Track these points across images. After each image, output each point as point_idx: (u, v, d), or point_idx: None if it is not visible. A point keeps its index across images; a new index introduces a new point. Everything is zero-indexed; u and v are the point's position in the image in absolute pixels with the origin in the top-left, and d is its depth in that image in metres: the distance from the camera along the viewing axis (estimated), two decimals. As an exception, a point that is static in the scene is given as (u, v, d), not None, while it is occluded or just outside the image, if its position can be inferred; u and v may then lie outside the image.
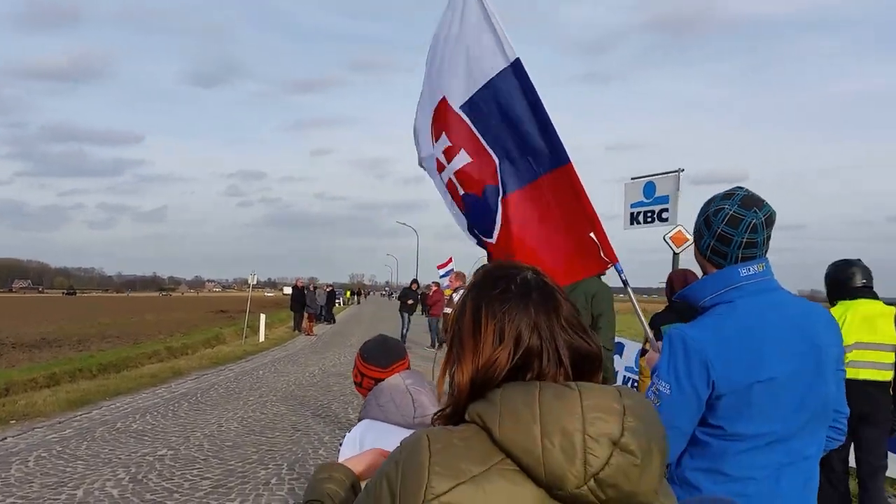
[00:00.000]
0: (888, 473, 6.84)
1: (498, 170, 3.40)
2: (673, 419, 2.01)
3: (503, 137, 3.38)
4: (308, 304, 27.20)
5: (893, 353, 5.06)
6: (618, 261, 3.26)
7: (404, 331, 21.50)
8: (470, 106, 3.45)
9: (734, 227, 2.16)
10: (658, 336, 3.41)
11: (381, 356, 2.66)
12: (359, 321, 37.52)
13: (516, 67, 3.30)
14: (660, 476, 1.14)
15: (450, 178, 3.54)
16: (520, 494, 1.11)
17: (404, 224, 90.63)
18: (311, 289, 29.90)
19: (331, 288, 39.37)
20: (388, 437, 2.32)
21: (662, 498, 1.19)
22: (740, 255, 2.17)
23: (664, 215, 10.67)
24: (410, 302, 22.29)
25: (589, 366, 1.25)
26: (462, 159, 3.47)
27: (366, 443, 2.33)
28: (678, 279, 5.54)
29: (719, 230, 2.19)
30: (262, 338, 23.50)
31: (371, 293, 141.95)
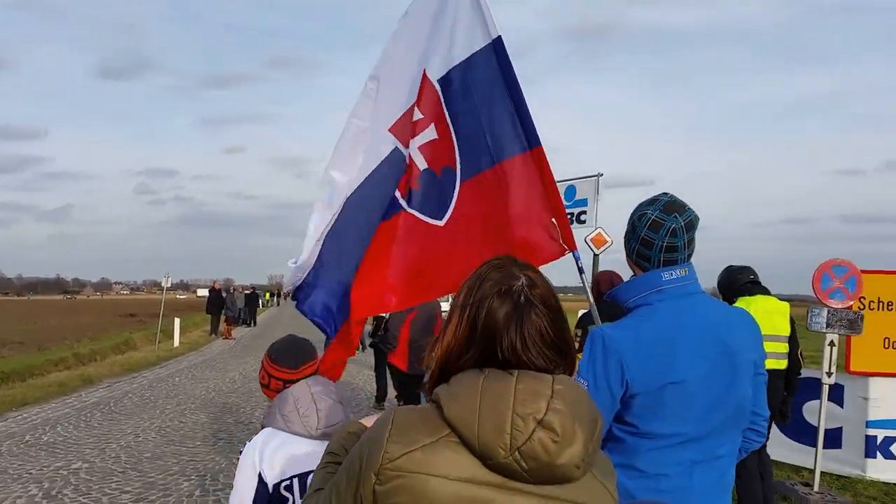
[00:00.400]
0: (793, 462, 7.30)
1: (457, 154, 3.37)
2: None
3: (474, 117, 3.34)
4: (226, 307, 26.52)
5: (787, 344, 5.67)
6: (576, 248, 3.26)
7: None
8: (445, 81, 3.41)
9: (655, 231, 2.24)
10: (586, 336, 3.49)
11: (290, 357, 2.56)
12: (279, 323, 36.77)
13: (497, 45, 3.28)
14: (582, 453, 1.29)
15: (409, 154, 3.46)
16: (460, 462, 1.29)
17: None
18: (232, 291, 29.21)
19: (251, 290, 38.48)
20: (289, 448, 2.29)
21: (599, 475, 1.38)
22: (662, 259, 2.25)
23: (582, 217, 11.03)
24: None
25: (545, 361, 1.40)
26: (429, 134, 3.44)
27: (265, 454, 2.29)
28: (604, 280, 5.71)
29: (643, 234, 2.27)
30: (176, 342, 22.81)
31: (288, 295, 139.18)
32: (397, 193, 3.47)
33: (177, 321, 23.70)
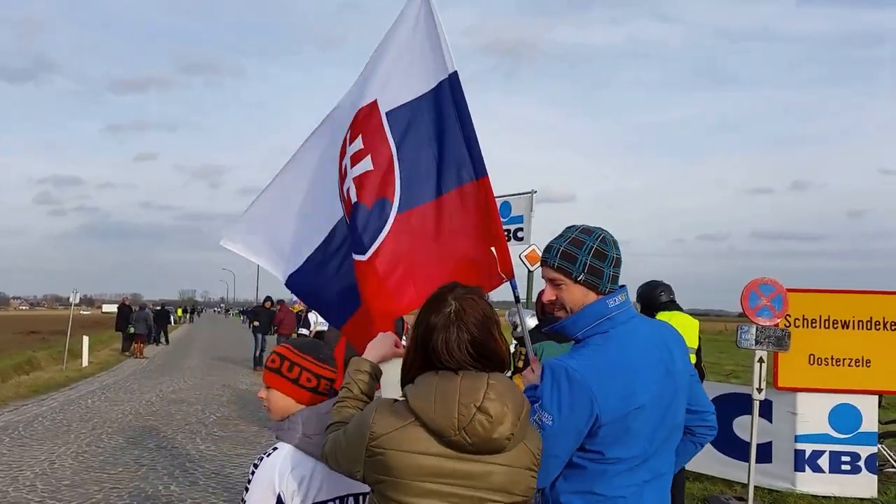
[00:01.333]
0: (724, 476, 7.48)
1: (397, 185, 3.34)
2: (553, 448, 2.08)
3: (421, 150, 3.35)
4: (131, 324, 25.28)
5: (694, 356, 6.05)
6: (514, 277, 3.29)
7: (258, 352, 20.45)
8: (396, 114, 3.41)
9: (616, 248, 2.29)
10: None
11: (326, 356, 2.36)
12: (193, 341, 35.68)
13: (453, 80, 3.32)
14: (511, 429, 1.79)
15: (349, 186, 3.43)
16: (423, 439, 1.80)
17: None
18: (146, 307, 28.08)
19: (160, 306, 37.08)
20: (317, 470, 2.16)
21: (528, 443, 1.88)
22: (615, 275, 2.28)
23: (519, 234, 11.10)
24: (256, 323, 21.50)
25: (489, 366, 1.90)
26: (364, 166, 3.38)
27: (286, 474, 2.12)
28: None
29: (616, 255, 2.28)
30: (85, 362, 21.68)
31: (204, 310, 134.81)
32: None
33: (85, 339, 22.57)
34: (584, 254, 2.24)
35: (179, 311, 67.94)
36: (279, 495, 2.11)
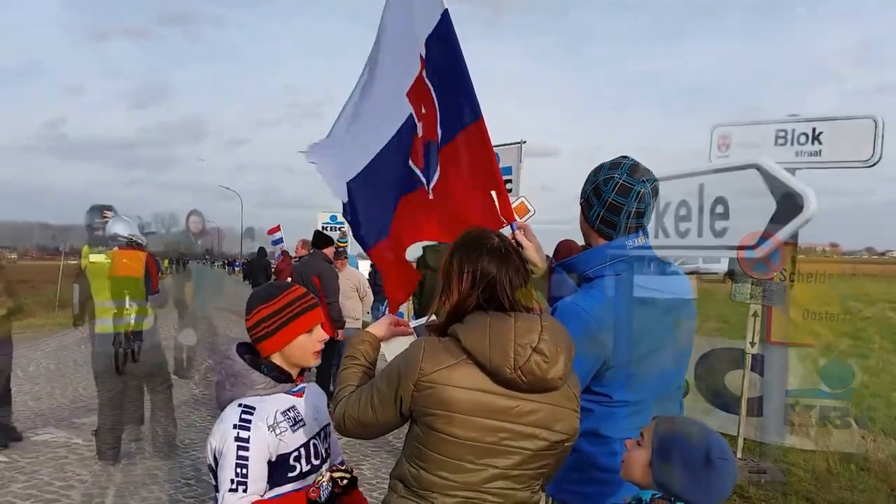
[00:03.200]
0: (730, 433, 7.58)
1: (438, 124, 3.31)
2: None
3: (442, 88, 3.29)
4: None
5: None
6: (514, 220, 3.30)
7: None
8: (426, 53, 3.36)
9: (624, 196, 2.18)
10: None
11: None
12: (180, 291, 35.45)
13: (446, 17, 3.19)
14: (563, 370, 1.84)
15: (420, 126, 3.44)
16: (475, 377, 1.84)
17: (227, 188, 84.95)
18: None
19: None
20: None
21: (570, 384, 1.92)
22: (629, 225, 2.21)
23: (508, 186, 10.95)
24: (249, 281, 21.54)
25: (530, 303, 1.96)
26: (423, 107, 3.43)
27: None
28: (563, 249, 5.60)
29: (610, 199, 2.19)
30: (76, 310, 21.55)
31: (189, 261, 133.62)
32: (414, 167, 3.44)
33: (75, 287, 22.35)
34: (589, 183, 2.27)
35: (166, 262, 67.32)
36: None
